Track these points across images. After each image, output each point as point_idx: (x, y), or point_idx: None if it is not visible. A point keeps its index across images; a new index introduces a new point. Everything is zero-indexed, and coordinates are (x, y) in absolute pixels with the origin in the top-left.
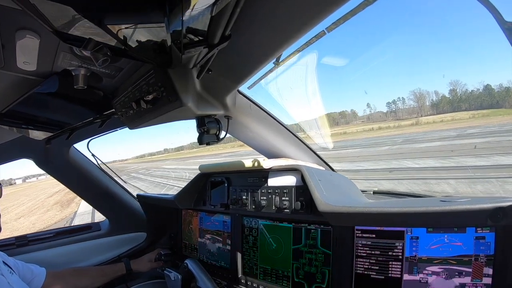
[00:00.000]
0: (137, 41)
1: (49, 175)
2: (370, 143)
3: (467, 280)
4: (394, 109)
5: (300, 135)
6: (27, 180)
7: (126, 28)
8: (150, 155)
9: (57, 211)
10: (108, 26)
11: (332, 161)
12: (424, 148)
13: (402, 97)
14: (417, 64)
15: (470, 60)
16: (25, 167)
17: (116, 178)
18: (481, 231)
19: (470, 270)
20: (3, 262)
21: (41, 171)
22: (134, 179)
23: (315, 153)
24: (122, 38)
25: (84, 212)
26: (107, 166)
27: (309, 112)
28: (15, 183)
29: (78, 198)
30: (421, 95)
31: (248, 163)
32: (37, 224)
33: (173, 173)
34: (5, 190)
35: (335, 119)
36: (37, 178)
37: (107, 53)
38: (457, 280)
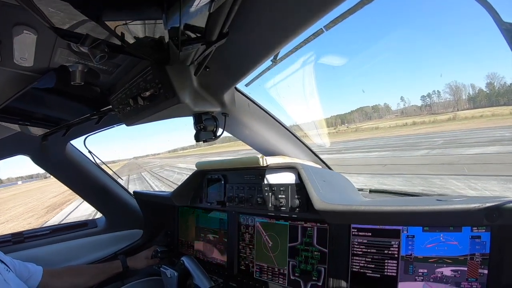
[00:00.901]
0: (134, 37)
1: None
2: (403, 143)
3: (462, 279)
4: (429, 103)
5: (298, 133)
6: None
7: (123, 24)
8: (182, 149)
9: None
10: (106, 22)
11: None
12: (478, 156)
13: (437, 90)
14: (454, 55)
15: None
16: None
17: (113, 175)
18: (476, 231)
19: (466, 269)
20: None
21: None
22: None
23: (312, 151)
24: (120, 34)
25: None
26: (104, 163)
27: (307, 110)
28: (50, 176)
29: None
30: (457, 89)
31: (244, 161)
32: None
33: (178, 175)
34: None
35: (367, 113)
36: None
37: (104, 49)
38: (453, 279)
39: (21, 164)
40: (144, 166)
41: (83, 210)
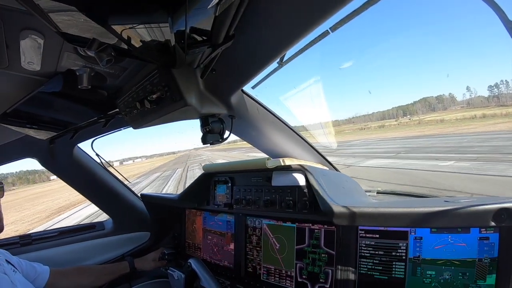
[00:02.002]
0: (141, 41)
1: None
2: (491, 147)
3: (471, 281)
4: (496, 94)
5: (303, 134)
6: (124, 163)
7: (130, 28)
8: (234, 142)
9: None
10: (112, 26)
11: None
12: None
13: (506, 80)
14: None
15: None
16: (124, 150)
17: (120, 178)
18: (485, 232)
19: (474, 271)
20: (6, 260)
21: (138, 154)
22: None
23: (319, 152)
24: (126, 38)
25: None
26: (112, 166)
27: (314, 112)
28: (113, 165)
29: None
30: None
31: (251, 163)
32: None
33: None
34: None
35: (431, 104)
36: (133, 161)
37: (111, 53)
38: (461, 281)
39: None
40: (192, 159)
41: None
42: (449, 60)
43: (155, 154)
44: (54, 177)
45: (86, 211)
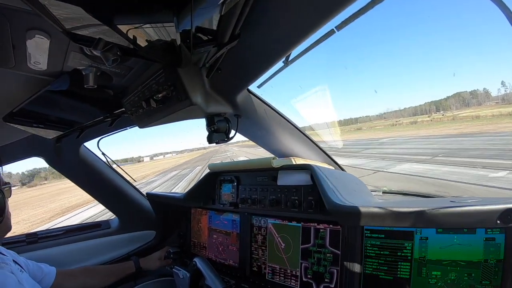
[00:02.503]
0: (146, 40)
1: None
2: None
3: (476, 282)
4: None
5: (308, 133)
6: (154, 158)
7: (135, 27)
8: None
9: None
10: (118, 26)
11: None
12: None
13: None
14: None
15: None
16: (154, 145)
17: (126, 177)
18: (491, 233)
19: (480, 272)
20: (13, 260)
21: (168, 149)
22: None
23: (324, 152)
24: (132, 37)
25: None
26: (118, 165)
27: (320, 111)
28: (143, 160)
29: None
30: None
31: (257, 162)
32: None
33: None
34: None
35: (465, 100)
36: (163, 156)
37: (117, 52)
38: (466, 282)
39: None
40: (217, 155)
41: None
42: (484, 54)
43: (185, 149)
44: None
45: (93, 211)
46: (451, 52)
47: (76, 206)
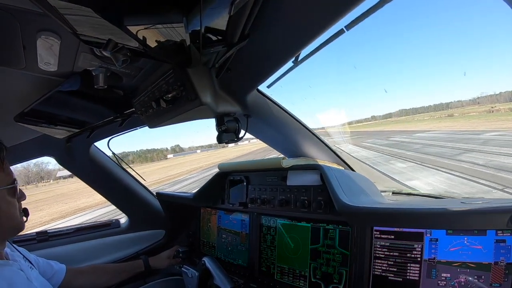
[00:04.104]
0: (156, 41)
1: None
2: None
3: (486, 284)
4: None
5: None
6: (209, 150)
7: (145, 28)
8: (357, 122)
9: None
10: (128, 27)
11: None
12: None
13: None
14: None
15: None
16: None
17: (136, 176)
18: (501, 234)
19: (490, 274)
20: (23, 257)
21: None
22: None
23: (334, 152)
24: (142, 38)
25: None
26: (128, 165)
27: (331, 111)
28: (196, 151)
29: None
30: None
31: (267, 162)
32: None
33: None
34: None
35: None
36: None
37: (126, 53)
38: (476, 284)
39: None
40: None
41: None
42: None
43: (246, 138)
44: (171, 155)
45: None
46: None
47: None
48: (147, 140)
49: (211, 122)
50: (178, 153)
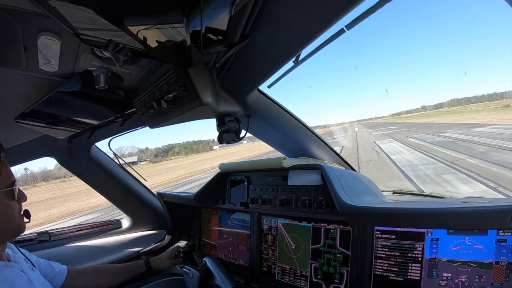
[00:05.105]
0: (157, 41)
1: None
2: None
3: (487, 284)
4: None
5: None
6: (255, 142)
7: (146, 29)
8: (406, 112)
9: None
10: (128, 27)
11: None
12: None
13: None
14: None
15: None
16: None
17: (137, 176)
18: (503, 234)
19: (491, 273)
20: (25, 258)
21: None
22: None
23: (335, 152)
24: (142, 39)
25: None
26: (129, 165)
27: (333, 110)
28: (242, 142)
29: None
30: None
31: (267, 162)
32: None
33: None
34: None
35: None
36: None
37: (127, 53)
38: (477, 284)
39: None
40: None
41: None
42: None
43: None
44: (216, 146)
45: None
46: None
47: None
48: (192, 132)
49: None
50: (224, 144)
